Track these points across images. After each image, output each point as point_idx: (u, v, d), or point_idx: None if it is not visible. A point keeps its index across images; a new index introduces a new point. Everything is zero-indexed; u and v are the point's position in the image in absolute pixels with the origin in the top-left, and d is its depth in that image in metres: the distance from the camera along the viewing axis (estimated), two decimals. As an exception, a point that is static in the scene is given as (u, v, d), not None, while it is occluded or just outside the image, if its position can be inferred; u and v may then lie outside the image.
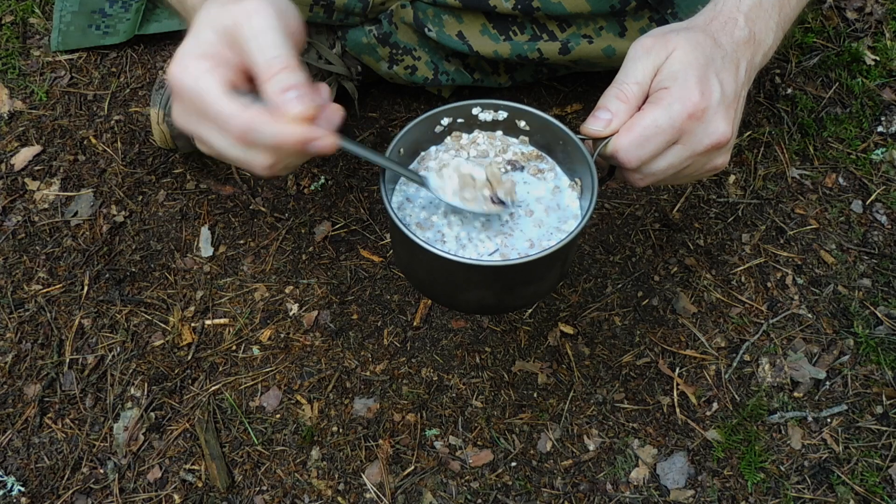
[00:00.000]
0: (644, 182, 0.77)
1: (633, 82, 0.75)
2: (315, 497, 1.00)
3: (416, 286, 0.91)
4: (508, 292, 0.78)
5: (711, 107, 0.73)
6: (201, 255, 1.17)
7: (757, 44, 0.79)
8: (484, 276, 0.74)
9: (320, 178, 1.23)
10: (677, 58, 0.74)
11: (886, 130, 1.28)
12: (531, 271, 0.74)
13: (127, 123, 1.30)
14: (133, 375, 1.08)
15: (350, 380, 1.08)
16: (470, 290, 0.78)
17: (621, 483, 1.01)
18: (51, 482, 1.01)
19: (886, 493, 0.99)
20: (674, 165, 0.75)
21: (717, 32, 0.77)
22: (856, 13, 1.42)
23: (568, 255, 0.79)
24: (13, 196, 1.23)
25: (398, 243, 0.82)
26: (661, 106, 0.72)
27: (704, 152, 0.75)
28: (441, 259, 0.71)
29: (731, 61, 0.76)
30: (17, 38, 1.40)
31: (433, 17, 1.12)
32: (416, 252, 0.73)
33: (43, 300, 1.13)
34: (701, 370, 1.08)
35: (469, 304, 0.85)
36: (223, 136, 0.67)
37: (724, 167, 0.79)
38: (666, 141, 0.73)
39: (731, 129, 0.75)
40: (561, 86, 1.31)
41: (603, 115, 0.74)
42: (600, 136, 0.74)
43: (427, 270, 0.79)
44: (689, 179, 0.81)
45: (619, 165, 0.76)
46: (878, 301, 1.12)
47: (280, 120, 0.64)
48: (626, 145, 0.73)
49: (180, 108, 0.68)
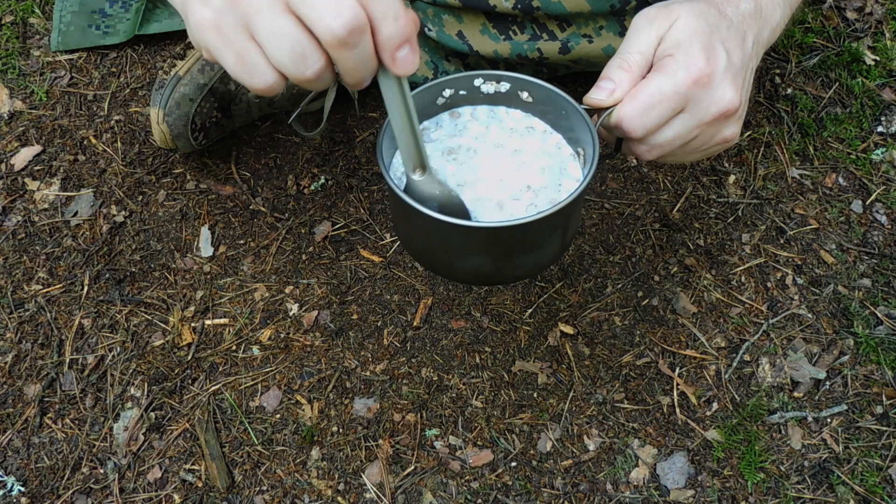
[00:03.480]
0: (651, 155, 0.75)
1: (635, 51, 0.73)
2: (315, 497, 1.00)
3: (414, 256, 0.89)
4: (507, 259, 0.76)
5: (717, 73, 0.71)
6: (201, 255, 1.17)
7: (764, 18, 0.77)
8: (480, 240, 0.72)
9: (320, 178, 1.23)
10: (681, 26, 0.72)
11: (886, 130, 1.28)
12: (529, 236, 0.72)
13: (127, 123, 1.30)
14: (133, 375, 1.08)
15: (350, 380, 1.08)
16: (468, 256, 0.76)
17: (621, 483, 1.01)
18: (51, 482, 1.01)
19: (886, 493, 0.99)
20: (681, 136, 0.73)
21: (721, 4, 0.75)
22: (856, 13, 1.42)
23: (569, 223, 0.76)
24: (13, 196, 1.23)
25: (395, 211, 0.80)
26: (666, 73, 0.71)
27: (712, 121, 0.72)
28: (436, 222, 0.68)
29: (736, 31, 0.74)
30: (17, 38, 1.40)
31: (433, 17, 1.12)
32: (412, 217, 0.71)
33: (43, 300, 1.13)
34: (701, 370, 1.08)
35: (468, 273, 0.83)
36: None
37: (734, 140, 0.76)
38: (671, 108, 0.71)
39: (740, 97, 0.72)
40: (561, 86, 1.31)
41: (606, 85, 0.73)
42: (603, 105, 0.73)
43: (424, 237, 0.77)
44: (700, 154, 0.78)
45: (624, 136, 0.74)
46: (878, 301, 1.12)
47: None
48: (630, 113, 0.71)
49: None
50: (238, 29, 0.55)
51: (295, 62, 0.55)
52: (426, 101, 0.80)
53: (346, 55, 0.55)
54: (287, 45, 0.54)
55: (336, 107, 1.28)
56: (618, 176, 1.24)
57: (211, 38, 0.56)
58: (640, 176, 1.24)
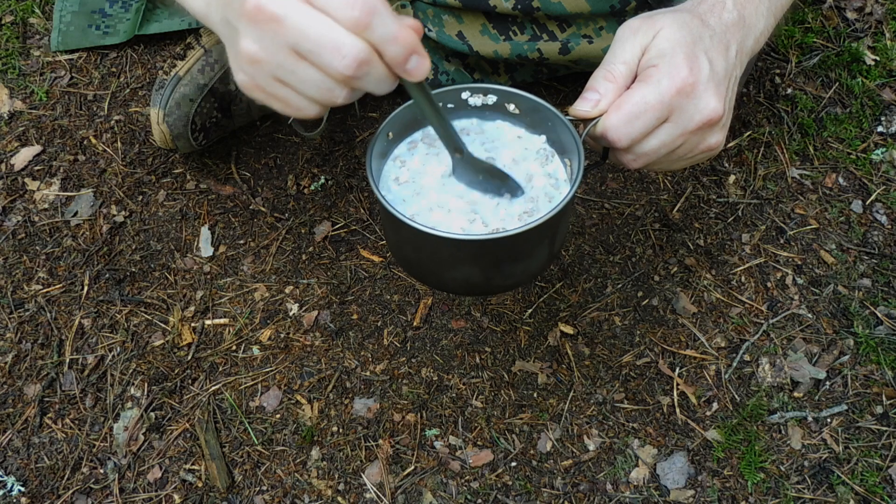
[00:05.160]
0: (637, 164, 0.76)
1: (620, 62, 0.74)
2: (315, 497, 1.00)
3: (405, 267, 0.90)
4: (496, 270, 0.77)
5: (701, 82, 0.72)
6: (201, 255, 1.17)
7: (747, 27, 0.78)
8: (468, 252, 0.74)
9: (320, 178, 1.23)
10: (664, 36, 0.73)
11: (886, 130, 1.28)
12: (517, 247, 0.73)
13: (127, 123, 1.30)
14: (133, 375, 1.08)
15: (350, 380, 1.08)
16: (456, 267, 0.77)
17: (621, 483, 1.01)
18: (51, 482, 1.01)
19: (886, 493, 0.99)
20: (666, 144, 0.74)
21: (705, 14, 0.76)
22: (856, 13, 1.42)
23: (556, 233, 0.78)
24: (13, 196, 1.23)
25: (385, 222, 0.81)
26: (650, 83, 0.72)
27: (696, 130, 0.74)
28: (425, 234, 0.70)
29: (720, 41, 0.75)
30: (17, 38, 1.40)
31: (433, 17, 1.12)
32: (401, 229, 0.72)
33: (43, 300, 1.13)
34: (701, 370, 1.08)
35: (457, 284, 0.84)
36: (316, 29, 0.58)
37: (719, 148, 0.77)
38: (656, 118, 0.72)
39: (723, 106, 0.74)
40: (561, 86, 1.31)
41: (591, 96, 0.74)
42: (589, 116, 0.74)
43: (413, 248, 0.78)
44: (685, 162, 0.79)
45: (609, 146, 0.76)
46: (878, 301, 1.12)
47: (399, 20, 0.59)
48: (616, 123, 0.73)
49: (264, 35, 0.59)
50: (271, 82, 0.62)
51: (324, 96, 0.61)
52: (415, 113, 0.81)
53: (362, 83, 0.60)
54: (314, 86, 0.61)
55: (336, 107, 1.28)
56: (618, 176, 1.24)
57: (256, 94, 0.63)
58: (640, 176, 1.24)
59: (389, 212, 0.71)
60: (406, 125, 0.82)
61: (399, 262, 0.90)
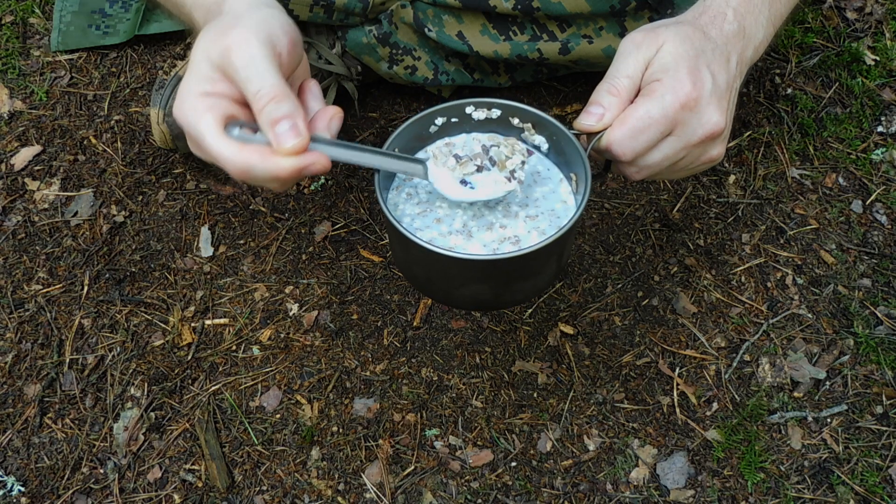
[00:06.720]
0: (640, 175, 0.78)
1: (623, 76, 0.75)
2: (315, 497, 1.00)
3: (413, 283, 0.91)
4: (505, 287, 0.78)
5: (704, 97, 0.73)
6: (201, 255, 1.17)
7: (747, 38, 0.79)
8: (479, 271, 0.74)
9: (320, 178, 1.23)
10: (668, 50, 0.74)
11: (886, 130, 1.28)
12: (526, 265, 0.74)
13: (127, 123, 1.30)
14: (133, 375, 1.08)
15: (350, 380, 1.08)
16: (466, 285, 0.78)
17: (621, 483, 1.01)
18: (51, 482, 1.01)
19: (886, 493, 0.99)
20: (669, 157, 0.75)
21: (706, 26, 0.77)
22: (856, 13, 1.42)
23: (564, 250, 0.78)
24: (13, 196, 1.23)
25: (394, 240, 0.82)
26: (654, 98, 0.73)
27: (699, 143, 0.75)
28: (435, 255, 0.71)
29: (721, 53, 0.76)
30: (17, 38, 1.40)
31: (433, 17, 1.12)
32: (411, 248, 0.73)
33: (43, 300, 1.14)
34: (701, 370, 1.08)
35: (466, 300, 0.85)
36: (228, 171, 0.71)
37: (719, 159, 0.79)
38: (659, 132, 0.73)
39: (725, 119, 0.75)
40: (561, 86, 1.31)
41: (595, 110, 0.75)
42: (593, 130, 0.75)
43: (423, 267, 0.79)
44: (686, 173, 0.81)
45: (613, 159, 0.76)
46: (878, 301, 1.12)
47: (273, 156, 0.68)
48: (620, 138, 0.74)
49: (189, 142, 0.72)
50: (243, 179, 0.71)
51: (276, 184, 0.70)
52: (420, 129, 0.82)
53: (260, 179, 0.70)
54: (260, 181, 0.70)
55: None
56: (618, 176, 1.24)
57: (243, 180, 0.72)
58: (640, 176, 1.24)
59: (400, 232, 0.72)
60: (410, 143, 0.83)
61: (408, 279, 0.90)
